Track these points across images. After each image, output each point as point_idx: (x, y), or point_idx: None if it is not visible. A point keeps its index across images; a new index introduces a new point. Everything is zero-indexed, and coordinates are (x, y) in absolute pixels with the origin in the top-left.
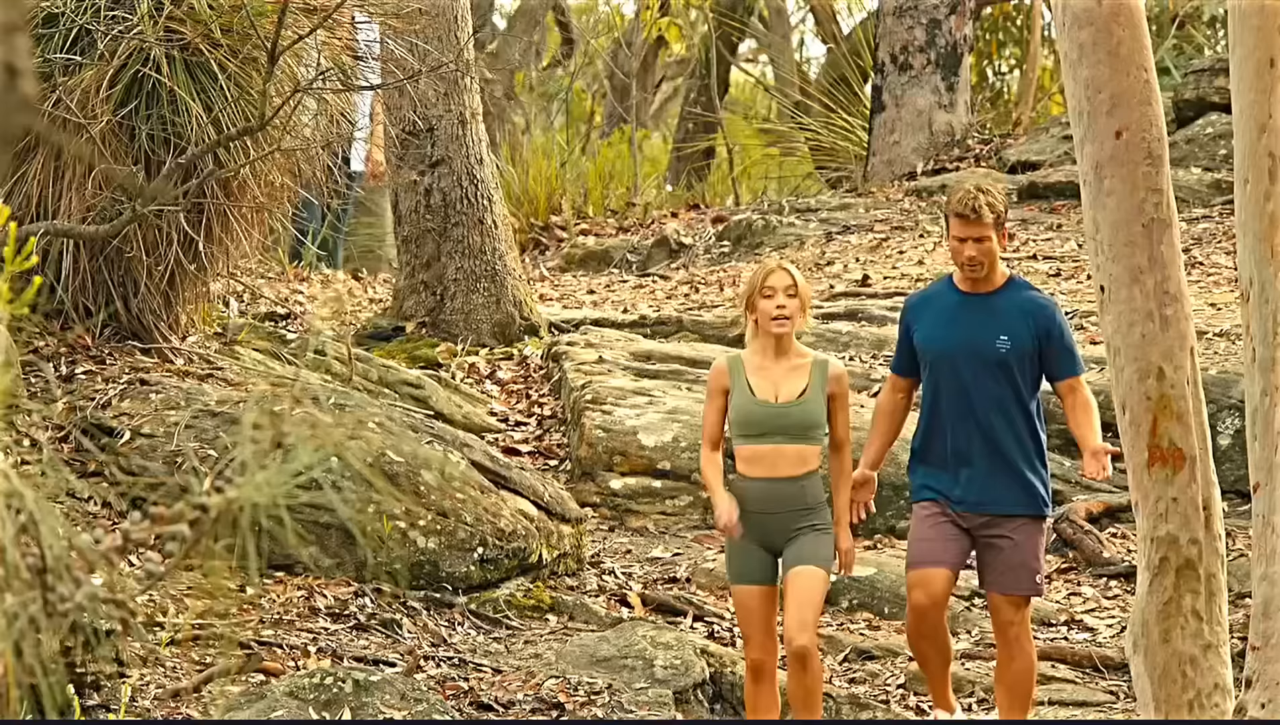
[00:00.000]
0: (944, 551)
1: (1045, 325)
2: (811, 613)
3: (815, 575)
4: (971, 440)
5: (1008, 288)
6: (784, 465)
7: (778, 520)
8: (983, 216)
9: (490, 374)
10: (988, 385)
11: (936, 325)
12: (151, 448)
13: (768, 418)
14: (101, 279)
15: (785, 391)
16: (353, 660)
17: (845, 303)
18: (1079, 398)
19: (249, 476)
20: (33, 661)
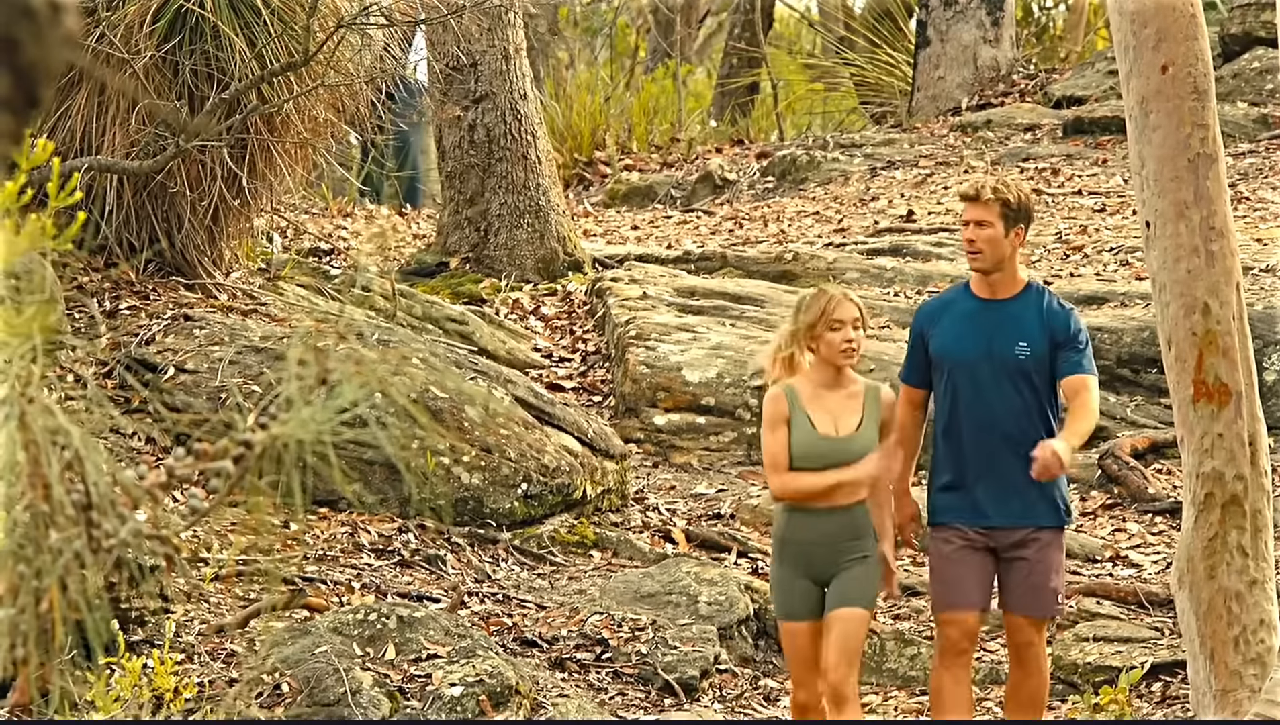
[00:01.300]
0: (971, 589)
1: (1063, 328)
2: (851, 653)
3: (859, 618)
4: (991, 451)
5: (1026, 294)
6: (840, 495)
7: (826, 551)
8: (981, 196)
9: (534, 310)
10: (1008, 394)
11: (953, 333)
12: (195, 383)
13: (831, 451)
14: (145, 214)
15: (844, 424)
16: (396, 596)
17: (890, 238)
18: (1081, 398)
19: (293, 413)
20: (78, 597)
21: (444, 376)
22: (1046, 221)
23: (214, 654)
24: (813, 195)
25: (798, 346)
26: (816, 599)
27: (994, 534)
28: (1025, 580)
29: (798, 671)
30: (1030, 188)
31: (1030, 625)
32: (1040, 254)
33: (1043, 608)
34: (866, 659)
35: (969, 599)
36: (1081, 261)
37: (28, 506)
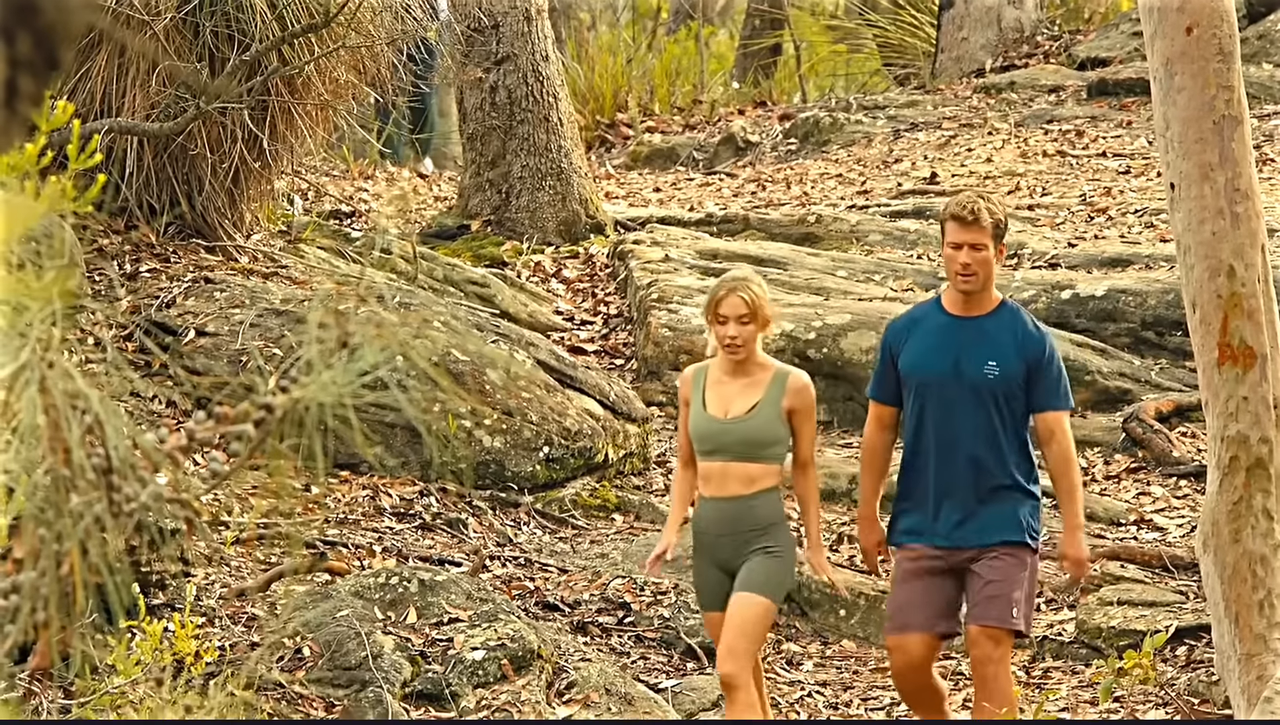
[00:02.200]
0: (922, 614)
1: (1036, 353)
2: (744, 642)
3: (755, 604)
4: (956, 471)
5: (999, 312)
6: (732, 484)
7: (730, 542)
8: (980, 220)
9: (556, 272)
10: (975, 413)
11: (922, 349)
12: (216, 347)
13: (713, 434)
14: (165, 177)
15: (736, 406)
16: (418, 560)
17: (913, 201)
18: (1057, 448)
19: (314, 375)
20: (98, 561)
21: (465, 339)
22: (1070, 184)
23: (235, 618)
24: (835, 157)
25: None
26: (729, 589)
27: (953, 554)
28: (979, 589)
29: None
30: (1055, 149)
31: (984, 637)
32: (1064, 216)
33: (996, 616)
34: None
35: (913, 621)
36: (1106, 224)
37: (48, 470)
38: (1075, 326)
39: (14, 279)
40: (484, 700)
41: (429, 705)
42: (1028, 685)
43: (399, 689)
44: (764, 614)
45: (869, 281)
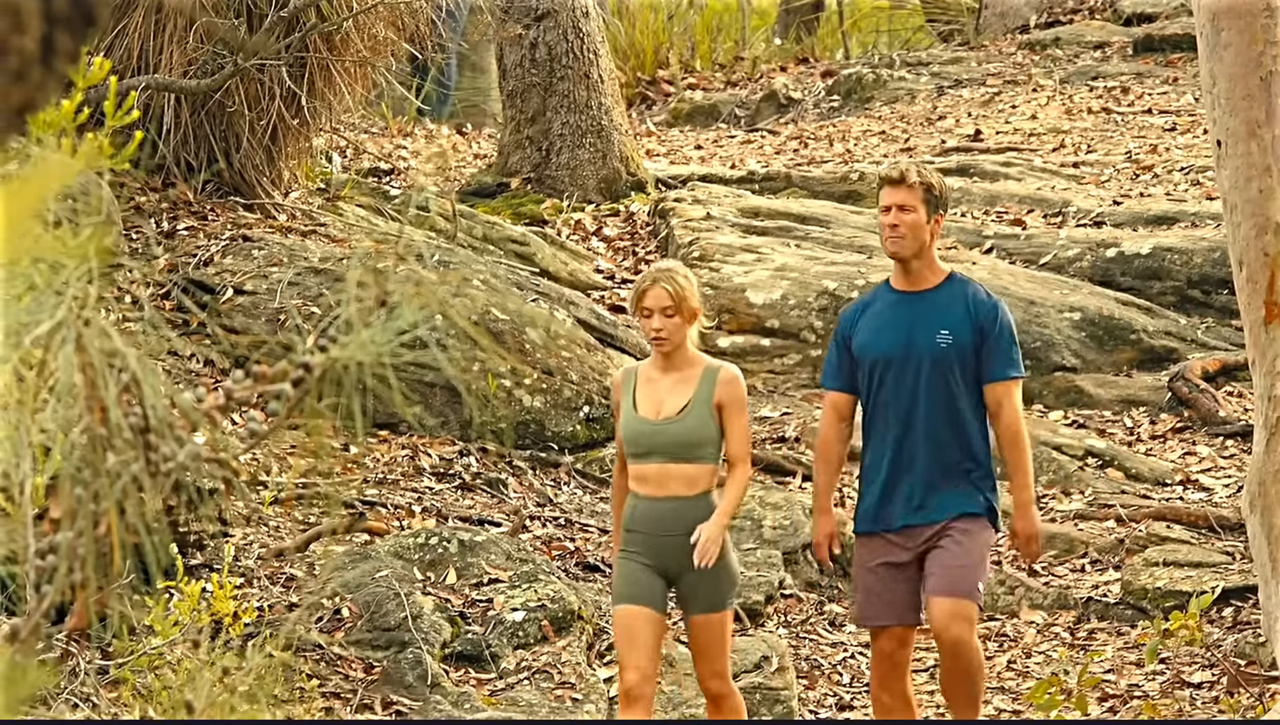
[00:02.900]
0: (895, 604)
1: (988, 319)
2: (721, 660)
3: (718, 622)
4: (914, 446)
5: (948, 284)
6: (672, 485)
7: (670, 544)
8: (907, 180)
9: (596, 230)
10: (931, 385)
11: (874, 328)
12: (254, 305)
13: (647, 435)
14: (203, 134)
15: (669, 406)
16: (458, 520)
17: (957, 158)
18: (1005, 420)
19: (353, 334)
20: (135, 521)
21: (505, 298)
22: (1116, 141)
23: (273, 578)
24: (878, 114)
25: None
26: (660, 591)
27: (913, 533)
28: (939, 561)
29: (626, 653)
30: (1100, 106)
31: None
32: (1110, 174)
33: (953, 585)
34: None
35: (889, 615)
36: (1151, 181)
37: (85, 430)
38: (1120, 285)
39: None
40: (524, 661)
41: (469, 666)
42: (1072, 647)
43: (439, 650)
44: (728, 624)
45: None
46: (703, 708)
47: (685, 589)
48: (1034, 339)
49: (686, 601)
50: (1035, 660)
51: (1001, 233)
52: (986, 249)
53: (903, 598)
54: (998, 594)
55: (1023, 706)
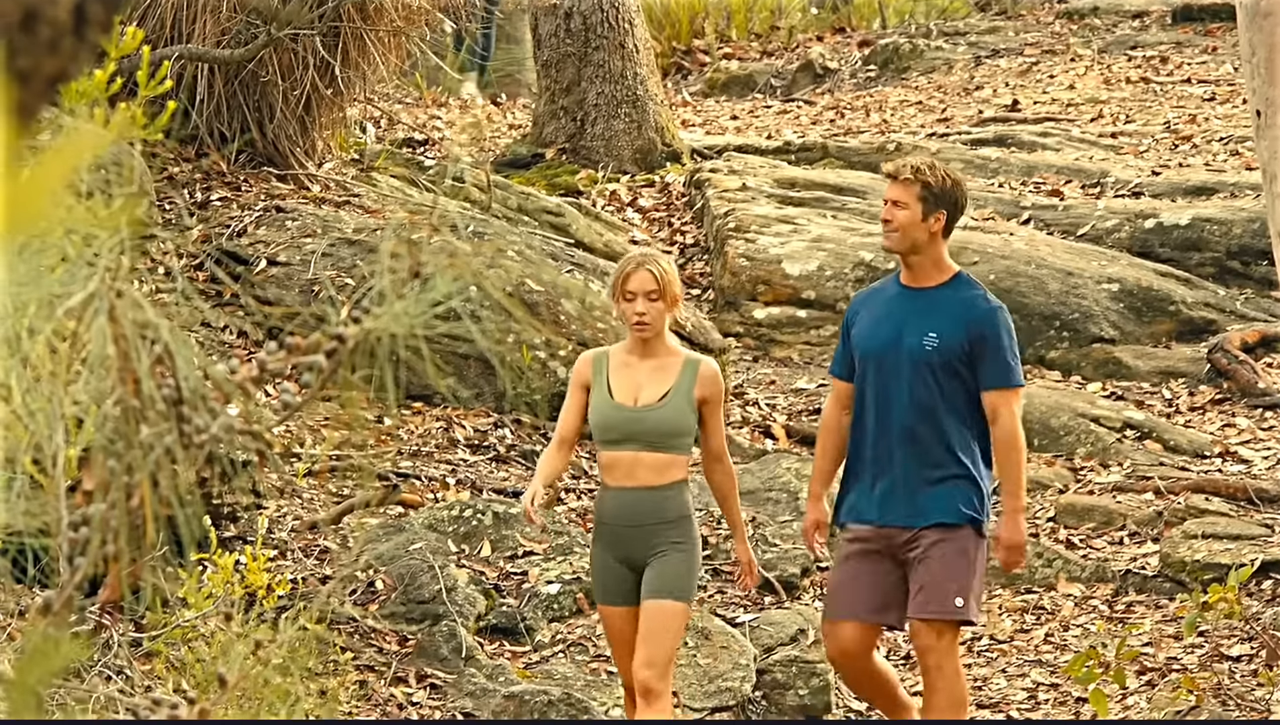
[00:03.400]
0: (856, 600)
1: (981, 327)
2: (661, 651)
3: (668, 610)
4: (891, 445)
5: (951, 283)
6: (642, 474)
7: (638, 534)
8: (899, 176)
9: (631, 201)
10: (911, 387)
11: (871, 321)
12: (287, 276)
13: (623, 422)
14: (236, 104)
15: (647, 394)
16: (492, 492)
17: (994, 128)
18: (1001, 428)
19: (386, 306)
20: (169, 493)
21: (540, 269)
22: (1154, 111)
23: (307, 550)
24: (915, 84)
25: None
26: (633, 585)
27: (890, 534)
28: (919, 578)
29: (614, 654)
30: (1138, 76)
31: (926, 629)
32: (1148, 144)
33: (935, 608)
34: None
35: (846, 608)
36: (1190, 151)
37: (117, 401)
38: (1159, 256)
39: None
40: (558, 634)
41: (503, 639)
42: (1110, 620)
43: (473, 623)
44: (679, 617)
45: None
46: (737, 683)
47: (646, 575)
48: (1071, 310)
49: (644, 588)
50: (1073, 633)
51: (1039, 203)
52: (1024, 220)
53: (866, 595)
54: (1035, 567)
55: (1061, 680)
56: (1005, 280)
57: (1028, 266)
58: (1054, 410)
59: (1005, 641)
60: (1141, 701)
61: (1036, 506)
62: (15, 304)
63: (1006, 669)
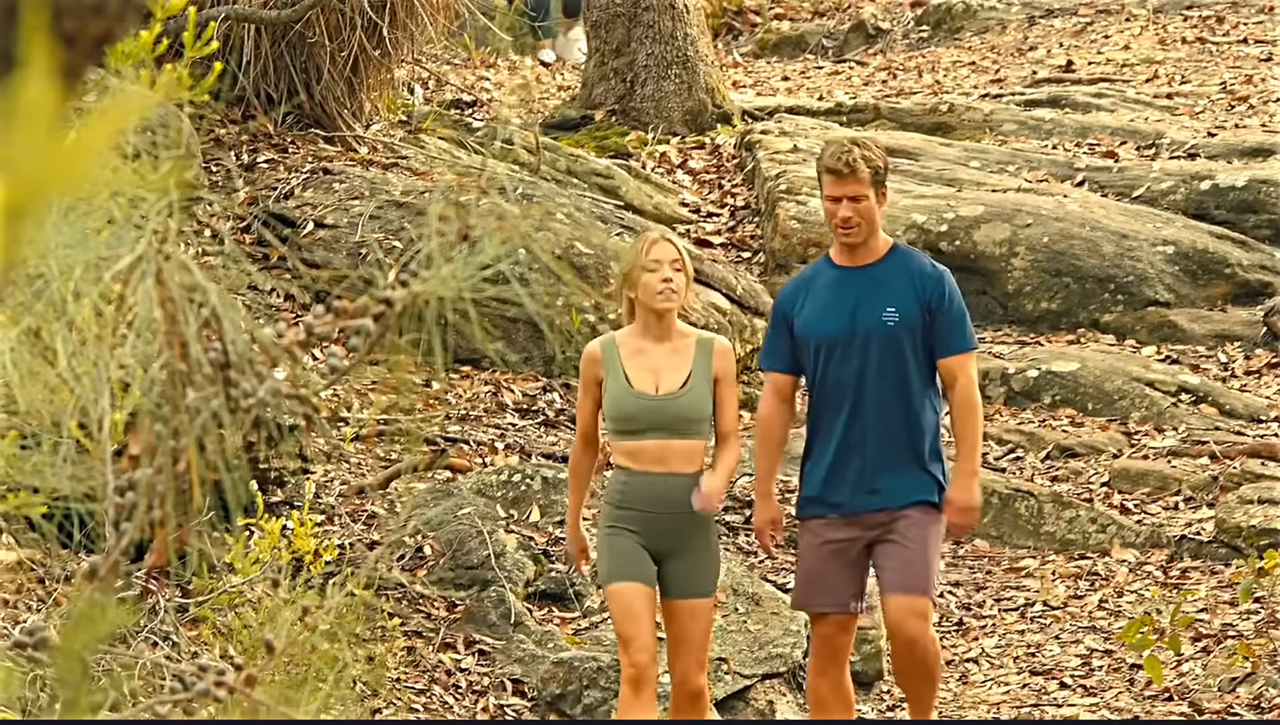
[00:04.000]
0: (830, 591)
1: (934, 293)
2: (702, 650)
3: (703, 608)
4: (862, 427)
5: (891, 257)
6: (673, 461)
7: (664, 521)
8: (856, 172)
9: (681, 163)
10: (878, 367)
11: (817, 307)
12: (335, 239)
13: (646, 412)
14: (283, 65)
15: (667, 381)
16: (541, 457)
17: (1048, 89)
18: (960, 393)
19: (434, 269)
20: (215, 458)
21: (589, 232)
22: (1210, 72)
23: (354, 515)
24: (968, 45)
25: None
26: (652, 569)
27: (862, 519)
28: (894, 556)
29: (631, 632)
30: (1194, 36)
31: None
32: (1204, 105)
33: (911, 583)
34: (1024, 522)
35: (831, 600)
36: (1247, 113)
37: (164, 365)
38: (1214, 218)
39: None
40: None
41: (552, 605)
42: (1165, 586)
43: (522, 589)
44: (711, 611)
45: (1003, 172)
46: (788, 649)
47: (672, 572)
48: (1126, 273)
49: (672, 586)
50: (1127, 599)
51: (1094, 165)
52: (1078, 181)
53: (844, 583)
54: (1089, 532)
55: (1115, 646)
56: (1059, 242)
57: (1082, 229)
58: (1108, 374)
59: (1059, 608)
60: (1196, 668)
61: (1090, 472)
62: (62, 267)
63: (1060, 635)
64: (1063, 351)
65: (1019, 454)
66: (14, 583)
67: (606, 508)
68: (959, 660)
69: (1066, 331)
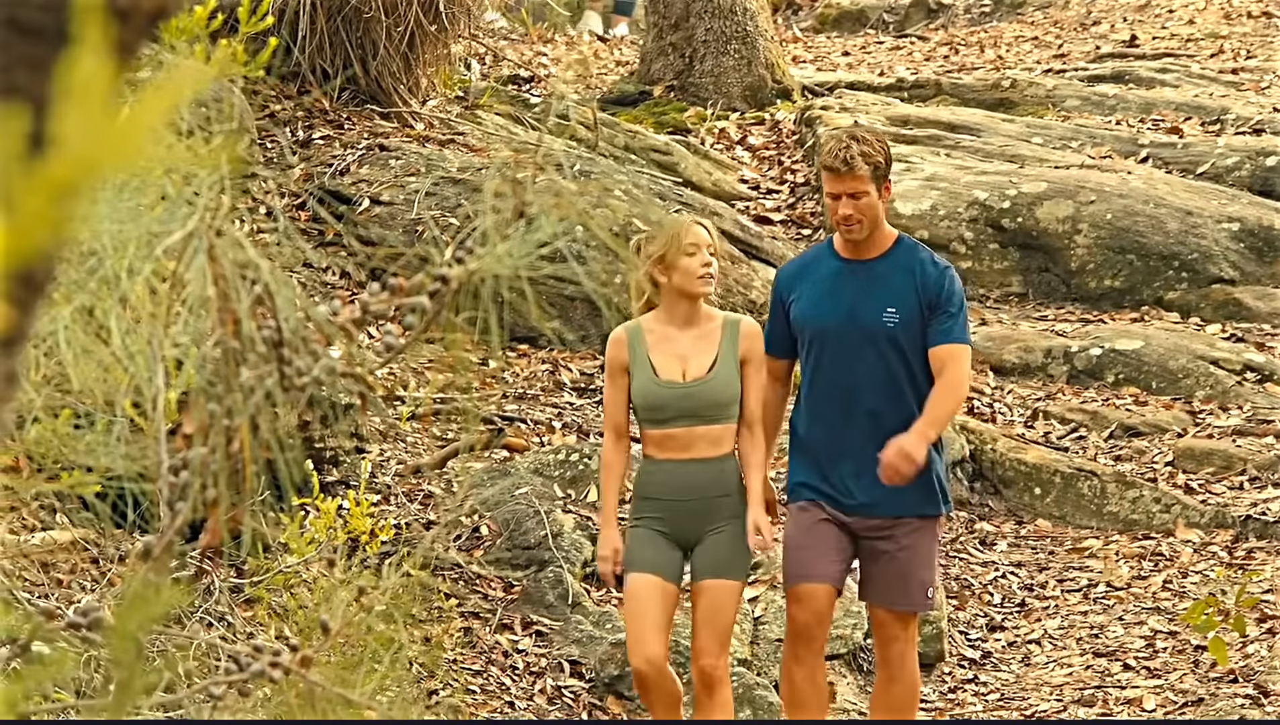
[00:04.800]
0: (827, 562)
1: (935, 292)
2: (722, 633)
3: (729, 590)
4: (855, 429)
5: (895, 252)
6: (700, 447)
7: (691, 508)
8: (855, 169)
9: (741, 139)
10: (874, 365)
11: (814, 297)
12: (390, 216)
13: (674, 400)
14: (339, 40)
15: (694, 367)
16: (598, 436)
17: (1112, 64)
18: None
19: (491, 246)
20: (269, 437)
21: (647, 209)
22: (1276, 46)
23: (411, 495)
24: (1031, 19)
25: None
26: (676, 562)
27: (854, 518)
28: (888, 569)
29: (637, 629)
30: (1260, 10)
31: (894, 620)
32: (1270, 80)
33: (908, 601)
34: (1087, 502)
35: (820, 572)
36: None
37: (217, 343)
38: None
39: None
40: None
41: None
42: (1230, 566)
43: (579, 569)
44: (738, 596)
45: (1065, 148)
46: (849, 630)
47: (699, 554)
48: (1190, 250)
49: (697, 567)
50: (1192, 580)
51: (1158, 141)
52: (1142, 158)
53: (833, 558)
54: (1153, 512)
55: (1179, 628)
56: (1123, 219)
57: (1146, 206)
58: (1172, 352)
59: (1122, 588)
60: (1262, 649)
61: (1154, 451)
62: (115, 243)
63: (1123, 616)
64: (1126, 329)
65: (1082, 433)
66: (68, 563)
67: (634, 500)
68: (1021, 642)
69: (1130, 309)
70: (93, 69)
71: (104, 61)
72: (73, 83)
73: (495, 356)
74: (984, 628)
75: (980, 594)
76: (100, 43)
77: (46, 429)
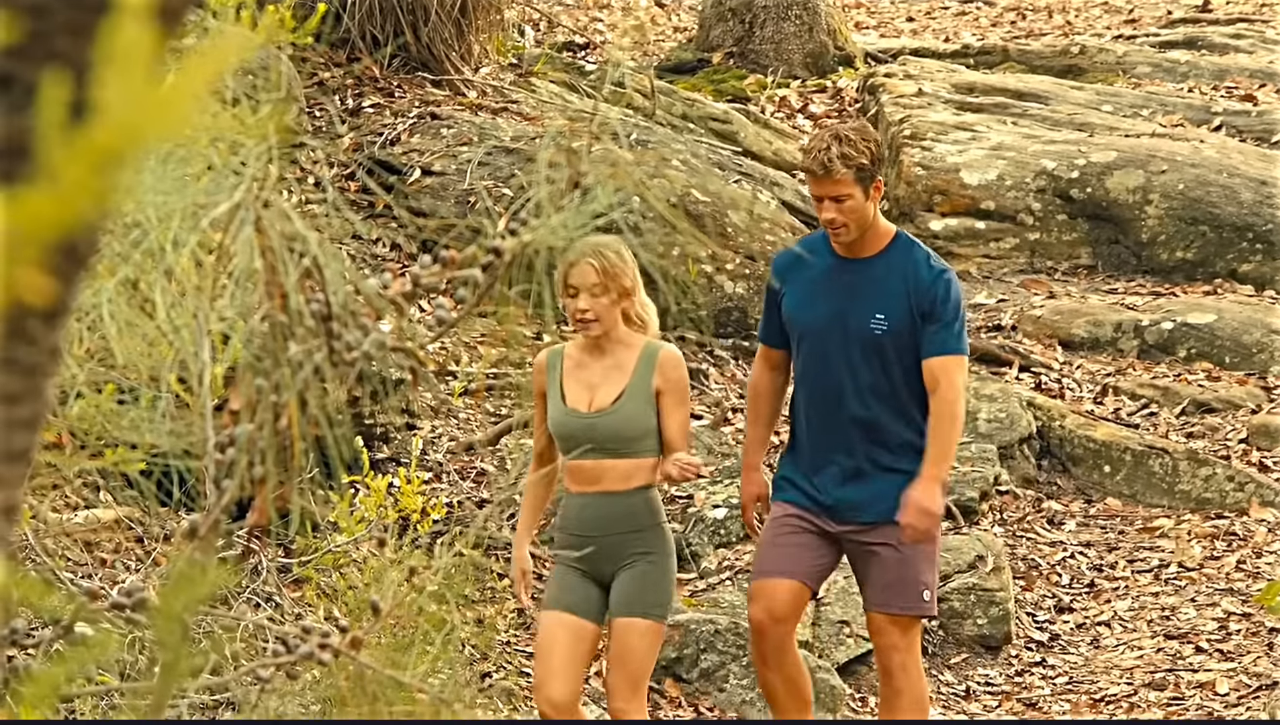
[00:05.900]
0: (792, 560)
1: (929, 298)
2: (633, 678)
3: (639, 630)
4: (841, 434)
5: (890, 252)
6: (609, 479)
7: (605, 545)
8: (833, 172)
9: (802, 108)
10: (860, 371)
11: (803, 296)
12: (442, 186)
13: (578, 430)
14: (390, 6)
15: (600, 397)
16: None
17: (1184, 30)
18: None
19: (544, 218)
20: (318, 413)
21: (705, 179)
22: None
23: (463, 473)
24: None
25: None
26: (594, 600)
27: (838, 526)
28: (883, 573)
29: (541, 671)
30: None
31: (891, 625)
32: None
33: (904, 604)
34: (1159, 480)
35: (781, 566)
36: None
37: (264, 317)
38: None
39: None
40: (725, 560)
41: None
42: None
43: None
44: (651, 639)
45: (1136, 116)
46: None
47: (614, 591)
48: (1265, 221)
49: (611, 605)
50: (1266, 560)
51: (1231, 109)
52: (1215, 126)
53: (805, 556)
54: (1226, 491)
55: (1253, 609)
56: (1195, 189)
57: (1219, 175)
58: (1246, 326)
59: (1194, 569)
60: None
61: (1228, 428)
62: (159, 214)
63: (1195, 598)
64: (1199, 302)
65: (1153, 409)
66: (111, 542)
67: (555, 533)
68: (1090, 623)
69: (1203, 282)
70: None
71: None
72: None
73: (549, 330)
74: (1052, 609)
75: (1048, 575)
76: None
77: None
